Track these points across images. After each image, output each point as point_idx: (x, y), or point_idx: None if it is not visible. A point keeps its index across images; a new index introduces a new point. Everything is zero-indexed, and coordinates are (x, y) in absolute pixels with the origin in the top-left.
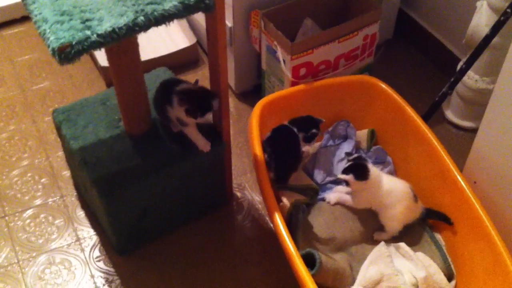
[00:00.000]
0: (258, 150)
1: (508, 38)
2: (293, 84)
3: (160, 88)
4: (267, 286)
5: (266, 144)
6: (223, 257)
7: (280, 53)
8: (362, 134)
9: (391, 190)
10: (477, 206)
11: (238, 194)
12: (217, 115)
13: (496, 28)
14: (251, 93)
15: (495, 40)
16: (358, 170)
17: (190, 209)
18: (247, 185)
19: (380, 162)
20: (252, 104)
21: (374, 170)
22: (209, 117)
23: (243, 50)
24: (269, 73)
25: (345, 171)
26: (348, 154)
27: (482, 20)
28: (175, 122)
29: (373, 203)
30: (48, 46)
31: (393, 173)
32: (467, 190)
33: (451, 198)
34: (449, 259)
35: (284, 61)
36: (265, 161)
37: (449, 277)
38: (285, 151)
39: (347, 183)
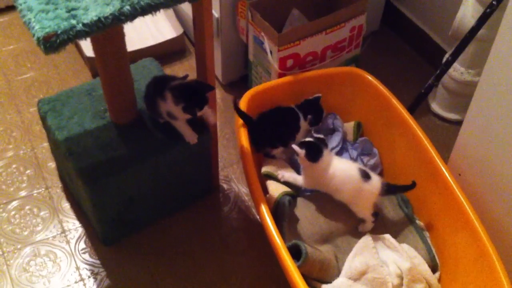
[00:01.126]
0: (245, 141)
1: (494, 30)
2: (280, 75)
3: (152, 82)
4: (253, 277)
5: (265, 114)
6: (209, 247)
7: (267, 44)
8: (349, 126)
9: (335, 173)
10: (462, 198)
11: (225, 185)
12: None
13: (482, 20)
14: (238, 84)
15: (481, 32)
16: (312, 149)
17: (176, 199)
18: (234, 176)
19: (366, 153)
20: (239, 95)
21: (326, 157)
22: (206, 110)
23: (230, 41)
24: (256, 64)
25: (301, 144)
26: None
27: (468, 12)
28: (164, 116)
29: (319, 185)
30: (33, 36)
31: (379, 164)
32: (452, 182)
33: (435, 190)
34: (434, 250)
35: (271, 52)
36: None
37: (434, 268)
38: (282, 124)
39: (297, 154)
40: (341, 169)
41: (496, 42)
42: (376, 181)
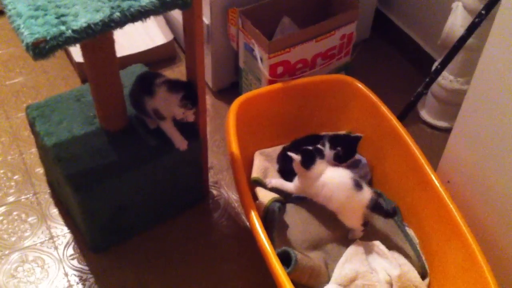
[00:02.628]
0: (235, 148)
1: (483, 39)
2: (270, 82)
3: (138, 80)
4: (243, 283)
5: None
6: (199, 254)
7: (257, 51)
8: None
9: (326, 182)
10: (451, 205)
11: (215, 192)
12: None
13: (471, 29)
14: (228, 90)
15: (470, 41)
16: (307, 157)
17: (166, 206)
18: (224, 183)
19: (354, 166)
20: (229, 102)
21: (319, 166)
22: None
23: (220, 48)
24: (247, 71)
25: (299, 150)
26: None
27: (457, 21)
28: (151, 114)
29: (310, 194)
30: (22, 41)
31: (368, 173)
32: (441, 189)
33: (425, 197)
34: (423, 257)
35: (261, 59)
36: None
37: (423, 275)
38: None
39: (293, 161)
40: (333, 178)
41: (485, 51)
42: (367, 193)
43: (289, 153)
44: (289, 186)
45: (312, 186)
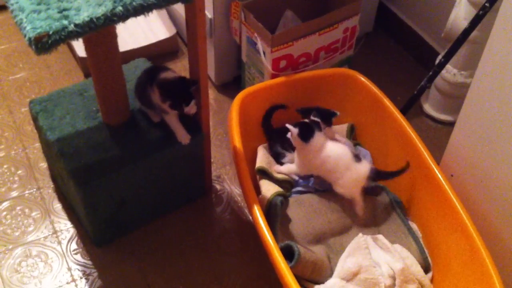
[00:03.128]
0: (237, 142)
1: (487, 32)
2: (273, 76)
3: (144, 73)
4: (246, 278)
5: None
6: (201, 248)
7: (260, 45)
8: (341, 129)
9: (328, 154)
10: (454, 199)
11: (217, 186)
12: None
13: (474, 22)
14: (231, 84)
15: (474, 34)
16: (305, 130)
17: (169, 200)
18: (227, 177)
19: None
20: (232, 96)
21: (318, 138)
22: (193, 105)
23: (223, 42)
24: (249, 65)
25: (295, 124)
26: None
27: (461, 14)
28: (157, 108)
29: (311, 168)
30: (25, 36)
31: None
32: (444, 183)
33: (428, 191)
34: (426, 251)
35: (264, 53)
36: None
37: (426, 269)
38: None
39: (291, 134)
40: (334, 149)
41: (489, 44)
42: (365, 164)
43: (288, 125)
44: (292, 167)
45: (314, 159)
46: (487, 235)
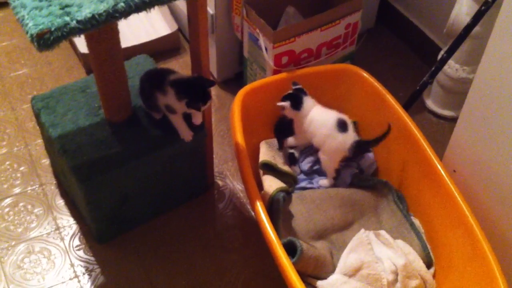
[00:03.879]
0: (240, 138)
1: (489, 27)
2: (275, 72)
3: (149, 75)
4: (248, 274)
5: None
6: (204, 244)
7: (262, 41)
8: None
9: (312, 119)
10: (456, 195)
11: (220, 182)
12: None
13: (477, 18)
14: (233, 81)
15: (476, 29)
16: (294, 100)
17: (171, 196)
18: (229, 173)
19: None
20: (234, 92)
21: (307, 104)
22: (199, 116)
23: (225, 38)
24: (251, 61)
25: (284, 98)
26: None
27: (463, 10)
28: (163, 110)
29: (304, 133)
30: (27, 32)
31: (374, 163)
32: (447, 179)
33: (430, 187)
34: (428, 247)
35: (266, 49)
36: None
37: (428, 264)
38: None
39: (284, 108)
40: (318, 114)
41: (491, 40)
42: (350, 137)
43: (278, 104)
44: (292, 140)
45: (304, 124)
46: (489, 230)
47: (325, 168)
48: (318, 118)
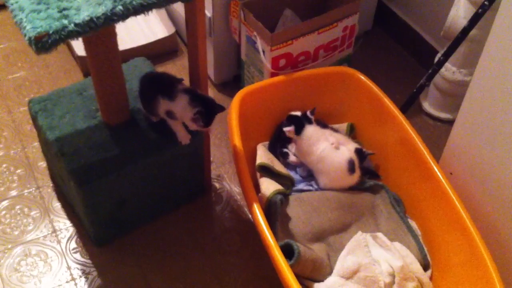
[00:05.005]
0: (237, 140)
1: (486, 30)
2: (273, 75)
3: (152, 78)
4: (246, 276)
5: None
6: (201, 247)
7: (259, 44)
8: (341, 128)
9: (324, 157)
10: (453, 197)
11: (217, 185)
12: None
13: (473, 21)
14: (231, 83)
15: (473, 32)
16: (296, 124)
17: (168, 199)
18: (226, 176)
19: None
20: (231, 95)
21: (309, 131)
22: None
23: (222, 41)
24: (249, 63)
25: (288, 122)
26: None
27: (460, 13)
28: (163, 115)
29: (305, 160)
30: (25, 35)
31: (370, 165)
32: (443, 181)
33: (427, 189)
34: (425, 249)
35: (263, 52)
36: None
37: (425, 267)
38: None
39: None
40: (315, 135)
41: (488, 42)
42: (356, 176)
43: (284, 129)
44: (293, 157)
45: (307, 155)
46: (486, 233)
47: (323, 186)
48: (329, 159)
